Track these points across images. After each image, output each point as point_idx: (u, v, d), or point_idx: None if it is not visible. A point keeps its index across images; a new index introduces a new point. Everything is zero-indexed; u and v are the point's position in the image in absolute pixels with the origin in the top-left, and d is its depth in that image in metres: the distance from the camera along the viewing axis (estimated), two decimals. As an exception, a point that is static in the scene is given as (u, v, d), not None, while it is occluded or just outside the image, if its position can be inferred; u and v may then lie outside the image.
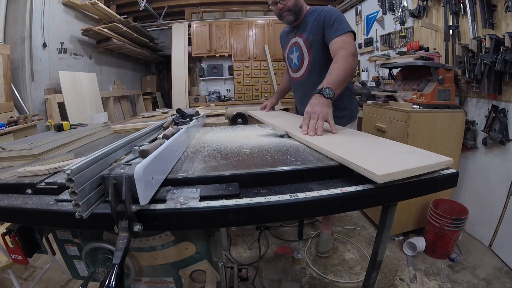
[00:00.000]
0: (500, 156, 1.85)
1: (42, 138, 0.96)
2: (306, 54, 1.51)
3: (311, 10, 1.51)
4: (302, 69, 1.56)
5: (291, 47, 1.61)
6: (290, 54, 1.63)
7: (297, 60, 1.58)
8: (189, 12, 5.55)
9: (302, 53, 1.53)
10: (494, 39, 1.71)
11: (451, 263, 1.80)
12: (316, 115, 0.99)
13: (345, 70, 1.17)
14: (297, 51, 1.56)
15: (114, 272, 0.47)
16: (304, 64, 1.54)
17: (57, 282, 1.71)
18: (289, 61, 1.67)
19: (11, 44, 2.67)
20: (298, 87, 1.66)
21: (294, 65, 1.61)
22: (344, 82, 1.16)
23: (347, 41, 1.31)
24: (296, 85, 1.68)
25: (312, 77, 1.52)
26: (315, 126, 0.96)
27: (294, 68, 1.63)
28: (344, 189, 0.57)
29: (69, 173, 0.44)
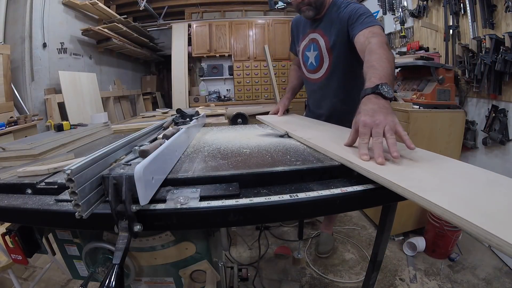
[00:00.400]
0: (500, 156, 1.85)
1: (42, 138, 0.96)
2: (326, 57, 1.35)
3: (335, 2, 1.31)
4: (320, 72, 1.41)
5: (309, 43, 1.42)
6: (307, 51, 1.44)
7: (314, 61, 1.42)
8: (189, 12, 5.55)
9: (321, 54, 1.37)
10: (494, 39, 1.71)
11: (451, 263, 1.80)
12: (380, 128, 0.65)
13: (389, 61, 0.89)
14: (316, 50, 1.38)
15: (114, 272, 0.47)
16: (324, 67, 1.38)
17: (57, 282, 1.71)
18: (304, 58, 1.48)
19: (11, 44, 2.67)
20: (315, 89, 1.51)
21: (311, 65, 1.45)
22: (393, 76, 0.88)
23: (376, 32, 1.08)
24: (312, 86, 1.52)
25: (332, 81, 1.39)
26: (382, 146, 0.63)
27: (310, 68, 1.46)
28: (344, 189, 0.57)
29: (69, 173, 0.44)
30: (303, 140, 0.88)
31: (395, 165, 0.59)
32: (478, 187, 0.49)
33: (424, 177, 0.53)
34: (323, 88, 1.44)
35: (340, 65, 1.33)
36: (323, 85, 1.43)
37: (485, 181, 0.51)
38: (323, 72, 1.40)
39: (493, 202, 0.43)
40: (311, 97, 1.59)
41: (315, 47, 1.38)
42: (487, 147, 1.93)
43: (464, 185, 0.49)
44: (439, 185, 0.49)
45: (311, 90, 1.55)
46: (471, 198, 0.44)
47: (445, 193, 0.45)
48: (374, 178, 0.55)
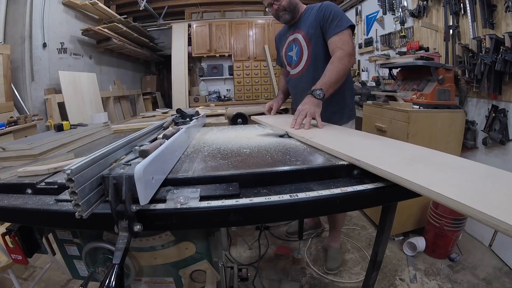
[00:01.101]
0: (500, 156, 1.85)
1: (42, 138, 0.96)
2: (306, 48, 1.48)
3: (309, 7, 1.51)
4: (301, 64, 1.52)
5: (290, 45, 1.58)
6: (289, 52, 1.60)
7: (296, 56, 1.54)
8: (189, 12, 5.55)
9: (301, 47, 1.50)
10: (494, 39, 1.71)
11: (451, 263, 1.80)
12: (304, 112, 1.12)
13: (338, 72, 1.25)
14: (296, 46, 1.53)
15: (114, 272, 0.47)
16: (304, 59, 1.50)
17: (57, 282, 1.71)
18: (287, 58, 1.63)
19: (11, 44, 2.67)
20: (297, 84, 1.60)
21: (293, 60, 1.58)
22: (337, 83, 1.27)
23: (344, 41, 1.32)
24: (294, 82, 1.62)
25: (311, 71, 1.49)
26: (301, 121, 1.10)
27: (293, 64, 1.58)
28: (344, 189, 0.57)
29: (69, 173, 0.44)
30: (305, 140, 0.90)
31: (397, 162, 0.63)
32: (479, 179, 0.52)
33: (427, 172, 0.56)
34: (304, 80, 1.52)
35: (319, 55, 1.45)
36: (305, 76, 1.52)
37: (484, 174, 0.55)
38: (304, 64, 1.51)
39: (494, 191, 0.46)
40: (293, 94, 1.69)
41: (296, 44, 1.53)
42: (487, 147, 1.93)
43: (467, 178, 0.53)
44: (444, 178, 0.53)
45: (294, 86, 1.64)
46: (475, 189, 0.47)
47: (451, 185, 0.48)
48: (381, 174, 0.57)
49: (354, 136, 0.99)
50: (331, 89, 1.24)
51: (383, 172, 0.56)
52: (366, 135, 1.00)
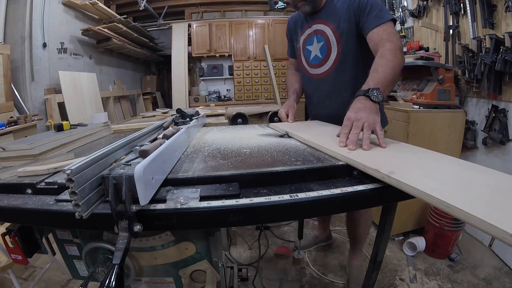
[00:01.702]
0: (500, 156, 1.85)
1: (42, 138, 0.96)
2: (335, 45, 1.23)
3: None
4: (327, 64, 1.28)
5: (310, 37, 1.31)
6: (308, 45, 1.33)
7: (320, 53, 1.28)
8: (189, 12, 5.55)
9: (329, 44, 1.24)
10: (494, 39, 1.71)
11: (451, 263, 1.80)
12: (360, 123, 0.77)
13: (394, 68, 0.96)
14: (321, 41, 1.27)
15: (114, 272, 0.47)
16: (331, 58, 1.25)
17: (57, 282, 1.71)
18: (305, 53, 1.35)
19: (11, 44, 2.67)
20: (319, 86, 1.35)
21: (315, 59, 1.31)
22: (393, 83, 0.98)
23: (391, 33, 1.08)
24: (315, 84, 1.37)
25: (341, 73, 1.26)
26: (357, 137, 0.75)
27: (313, 62, 1.32)
28: (344, 189, 0.57)
29: (69, 173, 0.44)
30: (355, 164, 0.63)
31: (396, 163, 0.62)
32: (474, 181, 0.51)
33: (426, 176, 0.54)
34: (331, 82, 1.29)
35: (350, 54, 1.23)
36: (331, 78, 1.29)
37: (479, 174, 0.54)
38: (331, 64, 1.27)
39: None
40: (313, 97, 1.43)
41: (320, 38, 1.27)
42: (487, 147, 1.93)
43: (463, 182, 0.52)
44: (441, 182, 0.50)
45: (313, 89, 1.39)
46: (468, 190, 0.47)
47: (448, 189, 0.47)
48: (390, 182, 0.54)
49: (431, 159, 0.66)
50: (388, 90, 0.95)
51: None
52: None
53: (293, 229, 2.21)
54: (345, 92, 1.26)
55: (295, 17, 1.43)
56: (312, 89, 1.41)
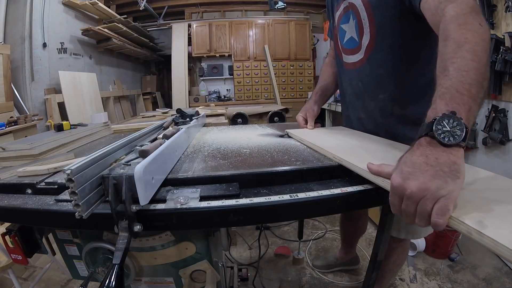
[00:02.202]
0: (500, 156, 1.85)
1: (42, 138, 0.96)
2: (366, 26, 0.84)
3: None
4: (361, 51, 0.89)
5: (345, 12, 0.93)
6: (343, 23, 0.95)
7: (355, 33, 0.89)
8: (189, 12, 5.55)
9: (360, 21, 0.86)
10: (494, 39, 1.71)
11: (451, 263, 1.80)
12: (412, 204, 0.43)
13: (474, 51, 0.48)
14: (354, 17, 0.88)
15: (114, 272, 0.47)
16: (363, 43, 0.87)
17: (57, 282, 1.71)
18: (340, 34, 0.98)
19: (11, 44, 2.67)
20: (352, 80, 0.98)
21: (350, 42, 0.93)
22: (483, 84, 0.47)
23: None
24: (347, 76, 1.00)
25: (375, 66, 0.87)
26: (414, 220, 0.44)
27: (347, 47, 0.95)
28: (344, 189, 0.57)
29: (69, 173, 0.44)
30: None
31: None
32: None
33: None
34: (364, 77, 0.92)
35: (387, 39, 0.82)
36: (364, 72, 0.91)
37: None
38: (364, 51, 0.88)
39: None
40: (345, 93, 1.07)
41: (352, 14, 0.89)
42: (487, 147, 1.93)
43: None
44: None
45: (347, 82, 1.02)
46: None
47: None
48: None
49: None
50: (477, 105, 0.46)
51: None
52: None
53: (293, 229, 2.21)
54: (381, 94, 0.89)
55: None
56: (345, 83, 1.04)
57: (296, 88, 5.32)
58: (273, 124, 1.47)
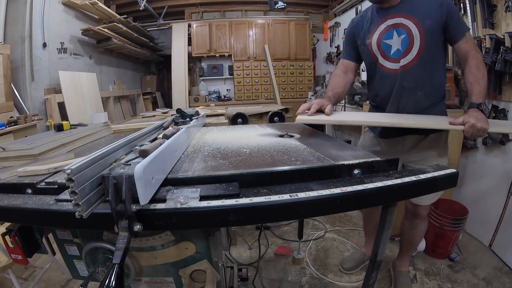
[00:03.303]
0: (500, 156, 1.85)
1: (42, 138, 0.96)
2: (417, 39, 1.19)
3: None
4: (409, 56, 1.22)
5: (388, 30, 1.24)
6: (386, 39, 1.25)
7: (401, 45, 1.22)
8: (189, 12, 5.55)
9: (411, 36, 1.19)
10: (494, 39, 1.71)
11: (451, 263, 1.80)
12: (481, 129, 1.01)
13: (485, 79, 1.14)
14: (402, 34, 1.21)
15: (114, 272, 0.47)
16: (414, 51, 1.20)
17: (57, 282, 1.71)
18: (382, 47, 1.27)
19: (11, 44, 2.67)
20: (393, 82, 1.27)
21: (396, 53, 1.24)
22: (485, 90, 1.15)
23: (475, 43, 1.20)
24: (388, 79, 1.28)
25: (419, 70, 1.22)
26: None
27: (394, 56, 1.25)
28: (344, 189, 0.57)
29: (69, 173, 0.44)
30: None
31: None
32: None
33: None
34: (408, 78, 1.23)
35: (431, 53, 1.21)
36: (409, 74, 1.23)
37: None
38: (411, 58, 1.21)
39: None
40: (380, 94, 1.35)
41: (401, 31, 1.22)
42: (487, 147, 1.93)
43: None
44: None
45: (386, 85, 1.30)
46: None
47: None
48: None
49: None
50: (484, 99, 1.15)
51: None
52: None
53: (293, 229, 2.21)
54: (420, 91, 1.24)
55: (358, 19, 1.39)
56: (383, 86, 1.32)
57: (296, 88, 5.32)
58: (273, 124, 1.48)
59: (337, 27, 4.66)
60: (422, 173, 0.63)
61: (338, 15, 4.85)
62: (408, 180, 0.61)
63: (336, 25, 4.67)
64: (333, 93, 1.33)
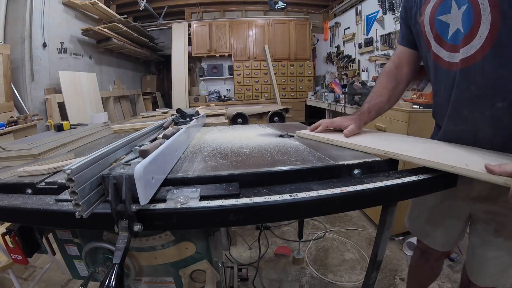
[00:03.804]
0: (500, 156, 1.84)
1: (42, 138, 0.96)
2: (487, 12, 0.66)
3: None
4: (473, 44, 0.70)
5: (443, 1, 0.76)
6: (441, 15, 0.77)
7: (462, 24, 0.72)
8: (189, 12, 5.55)
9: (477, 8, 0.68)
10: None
11: (451, 263, 1.80)
12: None
13: None
14: (464, 3, 0.71)
15: (114, 272, 0.47)
16: (480, 33, 0.68)
17: (57, 282, 1.71)
18: (438, 27, 0.79)
19: (11, 44, 2.67)
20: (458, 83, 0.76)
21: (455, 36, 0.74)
22: None
23: None
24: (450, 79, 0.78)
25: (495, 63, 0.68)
26: None
27: (453, 42, 0.75)
28: (344, 189, 0.57)
29: (69, 173, 0.44)
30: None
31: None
32: None
33: None
34: (477, 77, 0.72)
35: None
36: (478, 71, 0.71)
37: None
38: (480, 44, 0.69)
39: None
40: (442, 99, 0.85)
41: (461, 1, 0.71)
42: (487, 147, 1.92)
43: None
44: None
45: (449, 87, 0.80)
46: None
47: None
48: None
49: None
50: None
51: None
52: None
53: (293, 229, 2.21)
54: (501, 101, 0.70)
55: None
56: (446, 88, 0.82)
57: (296, 88, 5.32)
58: (273, 124, 1.48)
59: (337, 27, 4.66)
60: (422, 173, 0.63)
61: (338, 15, 4.85)
62: (408, 180, 0.61)
63: (336, 25, 4.68)
64: (371, 105, 0.96)
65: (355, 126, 0.89)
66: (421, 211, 1.06)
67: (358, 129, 0.91)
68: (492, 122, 0.73)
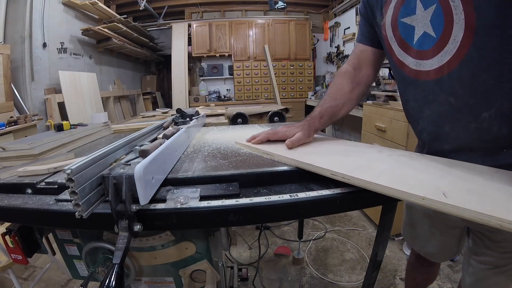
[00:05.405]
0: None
1: (42, 138, 0.96)
2: (459, 10, 0.56)
3: None
4: (446, 50, 0.61)
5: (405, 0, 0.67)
6: (404, 17, 0.68)
7: (432, 27, 0.62)
8: (189, 12, 5.55)
9: (447, 7, 0.58)
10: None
11: (451, 263, 1.80)
12: None
13: None
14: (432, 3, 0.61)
15: (114, 272, 0.47)
16: (453, 37, 0.59)
17: (57, 282, 1.71)
18: (404, 33, 0.69)
19: (11, 44, 2.67)
20: (434, 96, 0.67)
21: (425, 41, 0.64)
22: None
23: None
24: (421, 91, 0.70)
25: (474, 69, 0.58)
26: None
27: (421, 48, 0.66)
28: (344, 189, 0.57)
29: (69, 173, 0.44)
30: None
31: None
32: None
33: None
34: (456, 87, 0.63)
35: (496, 27, 0.54)
36: (455, 80, 0.62)
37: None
38: (454, 49, 0.59)
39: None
40: (419, 116, 0.76)
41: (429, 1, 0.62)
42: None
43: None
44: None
45: (422, 101, 0.71)
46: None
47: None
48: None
49: None
50: None
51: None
52: None
53: (293, 229, 2.22)
54: (486, 111, 0.61)
55: None
56: (419, 102, 0.73)
57: (296, 88, 5.32)
58: (273, 124, 1.47)
59: (337, 27, 4.66)
60: (422, 173, 0.63)
61: (338, 15, 4.85)
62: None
63: (336, 25, 4.68)
64: (323, 109, 0.84)
65: (302, 135, 0.77)
66: (415, 222, 1.01)
67: (306, 138, 0.79)
68: (480, 136, 0.63)
